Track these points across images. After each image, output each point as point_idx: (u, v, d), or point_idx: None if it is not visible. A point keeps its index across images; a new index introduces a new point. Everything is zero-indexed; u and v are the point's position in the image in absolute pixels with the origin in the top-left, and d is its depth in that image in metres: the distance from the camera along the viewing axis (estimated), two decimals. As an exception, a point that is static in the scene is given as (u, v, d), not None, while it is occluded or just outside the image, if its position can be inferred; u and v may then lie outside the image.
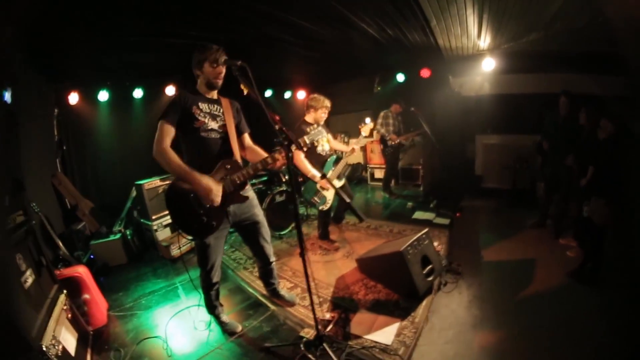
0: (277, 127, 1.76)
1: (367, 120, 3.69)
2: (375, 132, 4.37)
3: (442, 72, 5.61)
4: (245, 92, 1.82)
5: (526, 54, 4.73)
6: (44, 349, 1.62)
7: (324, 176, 2.46)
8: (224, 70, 2.02)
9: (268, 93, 7.35)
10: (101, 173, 5.18)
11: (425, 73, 5.73)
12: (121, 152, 5.24)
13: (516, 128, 5.19)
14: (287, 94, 7.93)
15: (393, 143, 5.60)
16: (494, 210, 4.94)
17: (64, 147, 4.71)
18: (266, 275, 2.61)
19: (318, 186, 3.33)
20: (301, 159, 3.22)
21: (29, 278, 1.90)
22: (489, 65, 4.97)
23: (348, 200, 2.01)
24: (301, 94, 8.02)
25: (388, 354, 2.01)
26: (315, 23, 3.60)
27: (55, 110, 4.54)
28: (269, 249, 2.47)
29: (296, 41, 4.18)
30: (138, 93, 5.12)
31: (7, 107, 2.93)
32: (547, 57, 4.56)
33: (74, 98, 4.53)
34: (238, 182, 2.00)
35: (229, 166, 2.02)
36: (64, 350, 1.86)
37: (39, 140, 4.06)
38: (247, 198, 2.13)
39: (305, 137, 2.08)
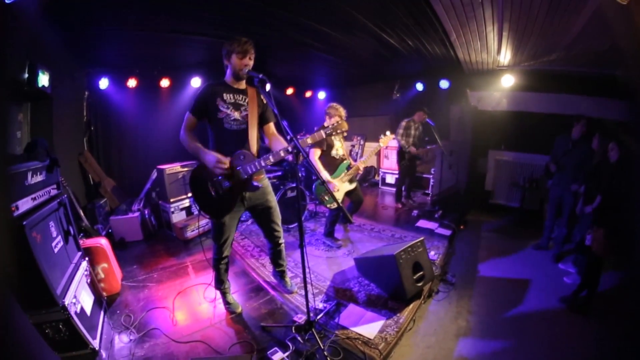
0: (289, 137, 1.94)
1: (388, 132, 3.89)
2: (392, 139, 4.36)
3: (461, 85, 5.62)
4: (264, 101, 2.02)
5: (546, 74, 4.72)
6: (66, 305, 1.87)
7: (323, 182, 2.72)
8: (250, 64, 2.17)
9: (289, 91, 7.53)
10: (124, 155, 5.45)
11: (444, 84, 5.77)
12: (144, 137, 5.51)
13: (530, 147, 5.17)
14: (308, 93, 8.15)
15: (411, 155, 5.44)
16: (498, 227, 4.96)
17: (92, 128, 4.99)
18: (276, 257, 2.80)
19: (330, 186, 3.52)
20: (315, 160, 3.45)
21: (58, 244, 2.16)
22: (508, 81, 4.98)
23: (340, 204, 2.20)
24: (322, 94, 8.23)
25: (369, 346, 2.17)
26: (338, 30, 3.75)
27: (86, 93, 4.80)
28: (280, 232, 2.64)
29: (319, 46, 4.34)
30: (165, 82, 5.35)
31: (43, 90, 3.21)
32: (567, 78, 4.54)
33: (104, 83, 4.76)
34: (250, 172, 2.17)
35: (242, 157, 2.19)
36: (82, 309, 2.11)
37: (70, 120, 4.36)
38: (258, 187, 2.28)
39: (322, 132, 2.17)
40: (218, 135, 2.25)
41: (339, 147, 3.71)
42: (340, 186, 3.62)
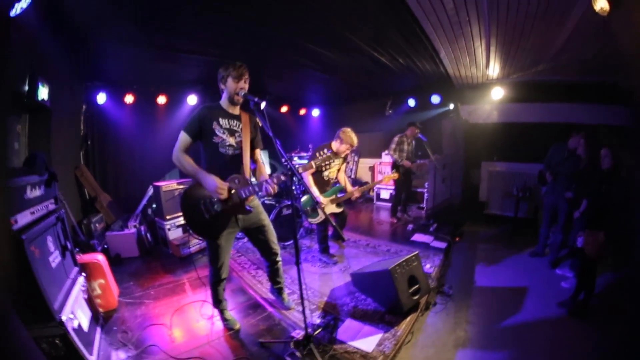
0: (283, 160, 1.99)
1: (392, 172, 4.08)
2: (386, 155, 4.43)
3: (452, 99, 5.76)
4: (259, 124, 2.08)
5: (534, 84, 4.87)
6: (64, 320, 1.85)
7: (317, 203, 2.83)
8: (246, 87, 2.21)
9: (284, 109, 7.63)
10: (120, 170, 5.44)
11: (435, 99, 5.90)
12: (141, 152, 5.51)
13: (522, 157, 5.28)
14: (302, 111, 8.26)
15: (405, 168, 5.49)
16: (494, 236, 5.00)
17: (89, 142, 4.99)
18: (274, 274, 2.81)
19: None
20: (308, 176, 3.50)
21: (56, 259, 2.16)
22: (497, 94, 5.12)
23: (334, 224, 2.24)
24: (316, 112, 8.37)
25: (367, 360, 2.17)
26: (332, 51, 3.87)
27: (84, 107, 4.83)
28: (277, 249, 2.65)
29: (313, 65, 4.46)
30: (162, 99, 5.42)
31: (42, 103, 3.23)
32: (555, 87, 4.68)
33: (101, 98, 4.80)
34: (244, 196, 2.21)
35: (237, 181, 2.24)
36: (79, 325, 2.09)
37: (67, 133, 4.35)
38: (251, 211, 2.33)
39: (313, 162, 2.29)
40: (213, 158, 2.27)
41: (332, 170, 3.76)
42: (327, 206, 3.66)
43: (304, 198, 3.72)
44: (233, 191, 2.19)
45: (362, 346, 2.31)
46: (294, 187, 2.26)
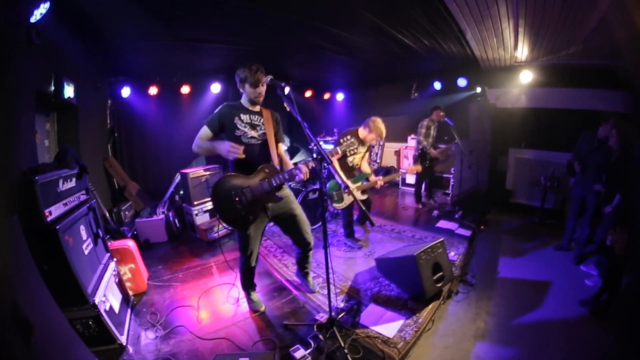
0: (312, 144, 2.01)
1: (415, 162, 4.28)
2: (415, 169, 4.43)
3: (479, 83, 5.54)
4: (287, 109, 2.10)
5: (565, 68, 4.61)
6: (96, 303, 2.00)
7: (347, 187, 2.75)
8: (263, 91, 2.28)
9: (308, 94, 7.61)
10: (147, 159, 5.65)
11: (461, 82, 5.71)
12: (166, 142, 5.68)
13: (550, 144, 5.03)
14: (327, 95, 8.21)
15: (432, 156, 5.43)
16: (519, 227, 4.87)
17: (116, 135, 5.22)
18: (303, 261, 2.88)
19: (342, 189, 3.61)
20: (334, 164, 3.49)
21: (88, 246, 2.31)
22: (526, 77, 4.89)
23: (363, 207, 2.24)
24: (340, 96, 8.29)
25: (388, 345, 2.21)
26: (354, 33, 3.80)
27: (109, 102, 5.04)
28: (309, 238, 2.67)
29: (335, 48, 4.40)
30: (185, 89, 5.52)
31: (69, 101, 3.40)
32: (587, 71, 4.41)
33: (126, 91, 4.96)
34: (275, 184, 2.25)
35: (267, 170, 2.30)
36: (111, 307, 2.24)
37: (94, 127, 4.56)
38: (282, 199, 2.39)
39: (338, 148, 2.31)
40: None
41: (356, 157, 3.76)
42: (352, 189, 3.64)
43: (329, 183, 3.74)
44: (266, 179, 2.24)
45: (383, 331, 2.35)
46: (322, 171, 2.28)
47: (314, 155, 2.08)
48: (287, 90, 2.06)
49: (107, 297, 2.24)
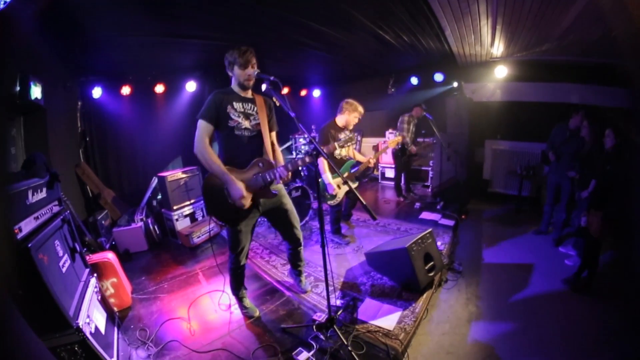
0: (308, 139, 1.96)
1: (392, 134, 4.25)
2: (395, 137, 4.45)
3: (455, 78, 5.68)
4: (277, 104, 2.02)
5: (539, 63, 4.81)
6: (81, 326, 1.79)
7: (345, 182, 2.66)
8: (253, 72, 2.13)
9: (285, 90, 7.46)
10: (122, 164, 5.36)
11: (438, 77, 5.83)
12: (142, 144, 5.43)
13: (525, 136, 5.26)
14: (303, 92, 8.15)
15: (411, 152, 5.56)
16: (499, 214, 5.07)
17: (87, 139, 4.89)
18: (295, 257, 2.82)
19: (329, 189, 3.58)
20: (321, 163, 3.46)
21: (65, 263, 2.08)
22: (501, 72, 5.07)
23: (364, 202, 2.22)
24: (317, 92, 8.27)
25: (390, 338, 2.23)
26: (334, 28, 3.76)
27: (79, 103, 4.71)
28: (298, 233, 2.62)
29: (315, 44, 4.35)
30: (159, 88, 5.27)
31: (36, 102, 3.13)
32: (559, 67, 4.63)
33: (97, 92, 4.67)
34: (269, 179, 2.18)
35: (261, 164, 2.20)
36: (97, 328, 2.05)
37: (64, 131, 4.28)
38: (276, 194, 2.31)
39: (336, 144, 2.25)
40: (229, 142, 2.21)
41: (344, 150, 3.73)
42: (338, 185, 3.65)
43: (321, 180, 3.66)
44: (259, 175, 2.16)
45: (383, 324, 2.37)
46: (307, 169, 2.21)
47: (307, 151, 2.03)
48: (275, 97, 2.00)
49: (92, 318, 2.04)
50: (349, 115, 3.55)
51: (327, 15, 3.38)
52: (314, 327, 2.30)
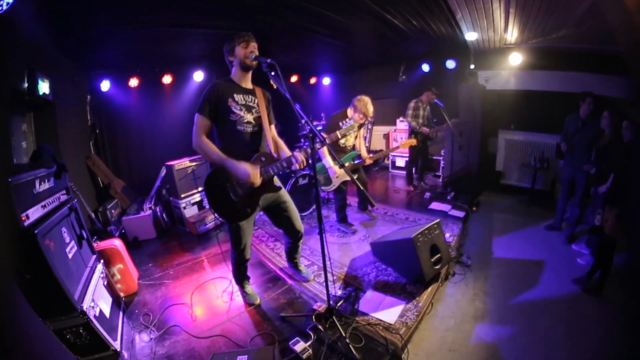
0: (304, 121, 1.90)
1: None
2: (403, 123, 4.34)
3: (468, 65, 5.48)
4: (274, 86, 1.97)
5: (555, 51, 4.59)
6: (85, 309, 1.88)
7: (342, 165, 2.59)
8: (255, 50, 2.08)
9: (294, 79, 7.44)
10: (132, 154, 5.47)
11: (450, 64, 5.65)
12: (150, 134, 5.52)
13: (541, 126, 5.06)
14: (313, 80, 8.07)
15: (423, 136, 5.35)
16: (511, 208, 4.93)
17: (97, 131, 5.01)
18: (292, 251, 2.81)
19: (330, 172, 3.56)
20: (324, 150, 3.46)
21: (72, 249, 2.16)
22: (515, 59, 4.86)
23: (362, 187, 2.17)
24: (326, 80, 8.18)
25: (390, 332, 2.18)
26: (341, 13, 3.66)
27: (88, 97, 4.81)
28: (299, 226, 2.58)
29: (322, 30, 4.26)
30: (167, 79, 5.32)
31: (44, 97, 3.19)
32: (577, 55, 4.41)
33: (105, 85, 4.75)
34: (272, 173, 2.14)
35: (264, 159, 2.16)
36: (101, 312, 2.13)
37: (74, 125, 4.37)
38: (280, 188, 2.28)
39: (338, 132, 2.19)
40: (231, 137, 2.15)
41: (350, 138, 3.70)
42: (340, 173, 3.61)
43: (317, 165, 3.62)
44: (263, 170, 2.12)
45: (384, 317, 2.31)
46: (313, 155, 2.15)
47: (308, 140, 1.97)
48: (272, 80, 1.94)
49: (97, 302, 2.12)
50: (355, 113, 3.53)
51: (333, 0, 3.28)
52: (313, 317, 2.28)
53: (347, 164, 3.61)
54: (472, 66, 5.49)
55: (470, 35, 4.35)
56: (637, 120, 2.72)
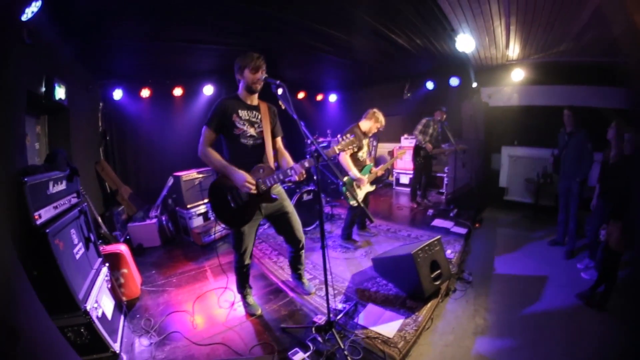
0: (309, 141, 2.01)
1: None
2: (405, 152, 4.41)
3: (471, 81, 5.56)
4: (282, 107, 2.08)
5: (556, 66, 4.66)
6: (88, 309, 1.93)
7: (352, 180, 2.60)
8: (262, 78, 2.22)
9: (301, 95, 7.58)
10: (140, 162, 5.59)
11: (454, 81, 5.74)
12: (159, 144, 5.63)
13: (544, 141, 5.02)
14: (319, 97, 8.21)
15: (427, 152, 5.39)
16: (514, 223, 4.90)
17: (107, 138, 5.15)
18: (295, 261, 2.85)
19: (355, 184, 3.62)
20: (344, 159, 3.53)
21: (79, 250, 2.24)
22: (518, 75, 4.93)
23: (362, 205, 2.23)
24: (333, 97, 8.29)
25: (388, 345, 2.18)
26: (347, 33, 3.79)
27: (101, 104, 4.97)
28: (300, 235, 2.65)
29: (329, 49, 4.39)
30: (178, 91, 5.47)
31: (60, 103, 3.32)
32: (578, 69, 4.47)
33: (118, 94, 4.92)
34: (269, 184, 2.24)
35: (262, 170, 2.28)
36: (103, 314, 2.17)
37: (86, 130, 4.49)
38: (276, 199, 2.37)
39: (335, 147, 2.28)
40: (235, 149, 2.31)
41: (365, 152, 3.80)
42: (368, 180, 3.70)
43: (345, 179, 3.66)
44: (260, 180, 2.22)
45: (383, 331, 2.32)
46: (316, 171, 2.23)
47: (309, 155, 2.06)
48: (279, 91, 2.06)
49: (100, 304, 2.17)
50: (373, 124, 3.67)
51: (340, 20, 3.44)
52: (313, 329, 2.29)
53: (367, 176, 3.69)
54: (474, 84, 5.57)
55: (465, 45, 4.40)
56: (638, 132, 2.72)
